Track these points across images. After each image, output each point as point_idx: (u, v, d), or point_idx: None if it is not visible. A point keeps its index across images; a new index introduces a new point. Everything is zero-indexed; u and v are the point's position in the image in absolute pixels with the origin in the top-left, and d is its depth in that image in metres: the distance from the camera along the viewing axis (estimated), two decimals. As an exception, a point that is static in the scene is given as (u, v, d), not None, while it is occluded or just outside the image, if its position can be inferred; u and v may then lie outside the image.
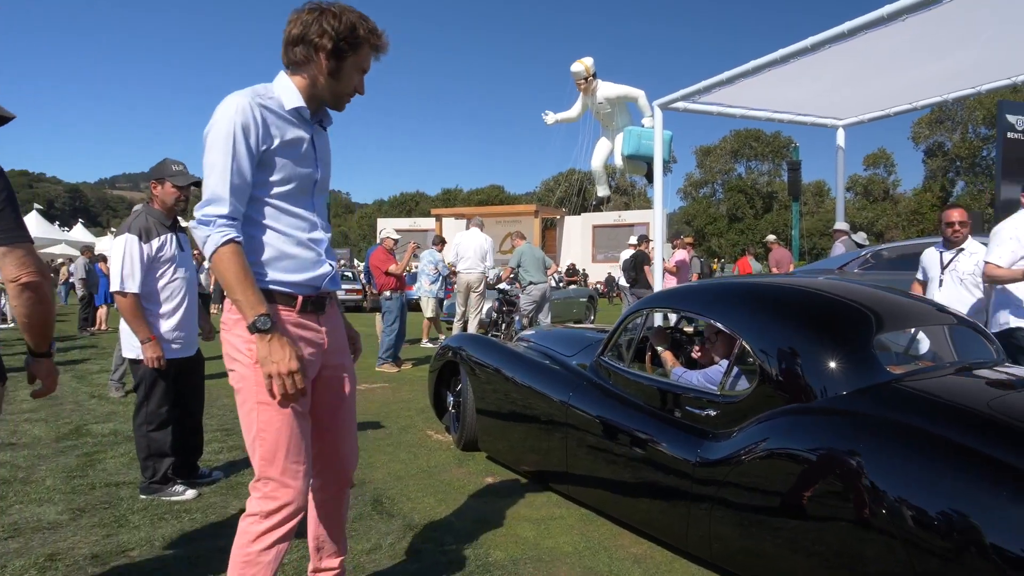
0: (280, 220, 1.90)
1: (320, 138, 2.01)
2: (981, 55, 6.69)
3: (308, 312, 1.93)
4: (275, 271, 1.88)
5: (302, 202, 1.95)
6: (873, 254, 7.57)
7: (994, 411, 2.14)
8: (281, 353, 1.75)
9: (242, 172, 1.80)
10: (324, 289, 1.99)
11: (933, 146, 51.73)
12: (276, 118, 1.86)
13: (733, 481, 2.45)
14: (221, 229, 1.76)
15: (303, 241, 1.93)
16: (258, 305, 1.76)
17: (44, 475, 3.89)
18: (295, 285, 1.90)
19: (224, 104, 1.82)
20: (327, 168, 2.04)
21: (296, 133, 1.90)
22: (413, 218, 44.81)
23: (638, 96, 12.98)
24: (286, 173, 1.88)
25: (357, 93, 1.98)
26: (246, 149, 1.79)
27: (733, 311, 2.89)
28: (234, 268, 1.75)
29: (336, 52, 1.86)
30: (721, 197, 62.43)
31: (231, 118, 1.78)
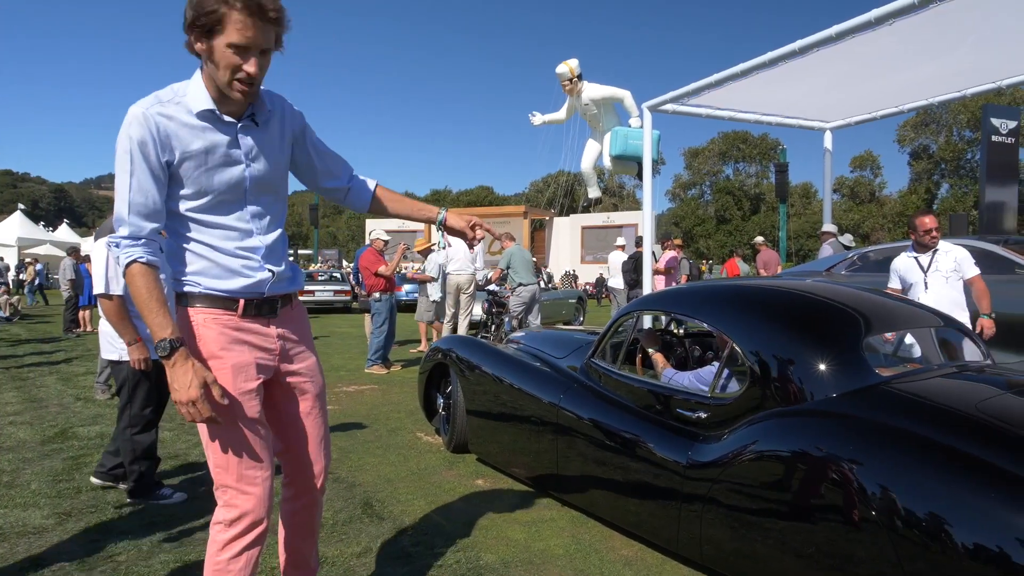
0: (204, 232, 1.78)
1: (251, 133, 1.79)
2: (967, 60, 6.77)
3: (253, 316, 1.83)
4: (208, 279, 1.78)
5: (229, 210, 1.79)
6: (860, 256, 7.64)
7: (983, 414, 2.16)
8: (182, 380, 1.65)
9: (144, 189, 1.68)
10: (271, 293, 1.86)
11: (918, 148, 52.31)
12: (178, 127, 1.69)
13: (723, 483, 2.46)
14: (126, 250, 1.68)
15: (232, 251, 1.80)
16: (162, 328, 1.66)
17: (29, 479, 3.84)
18: (233, 291, 1.80)
19: (125, 117, 1.68)
20: (268, 164, 1.83)
21: (206, 139, 1.72)
22: (401, 219, 44.71)
23: (624, 97, 13.02)
24: (200, 185, 1.74)
25: (247, 75, 1.65)
26: (145, 164, 1.66)
27: (724, 313, 2.90)
28: (139, 290, 1.67)
29: (197, 29, 1.62)
30: (709, 199, 62.76)
31: (127, 132, 1.66)
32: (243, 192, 1.81)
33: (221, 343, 1.79)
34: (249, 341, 1.83)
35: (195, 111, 1.70)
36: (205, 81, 1.71)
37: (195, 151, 1.71)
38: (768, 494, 2.32)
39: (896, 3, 5.37)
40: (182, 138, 1.70)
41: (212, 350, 1.78)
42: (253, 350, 1.84)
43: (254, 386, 1.82)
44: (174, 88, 1.74)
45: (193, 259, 1.78)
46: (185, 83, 1.75)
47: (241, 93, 1.68)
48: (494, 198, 73.21)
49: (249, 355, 1.82)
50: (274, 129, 1.87)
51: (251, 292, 1.82)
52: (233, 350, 1.80)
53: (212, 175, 1.74)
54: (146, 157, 1.66)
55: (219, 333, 1.79)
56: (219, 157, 1.75)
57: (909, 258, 4.70)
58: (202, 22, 1.60)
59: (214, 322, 1.79)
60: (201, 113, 1.71)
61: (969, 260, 4.59)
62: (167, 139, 1.68)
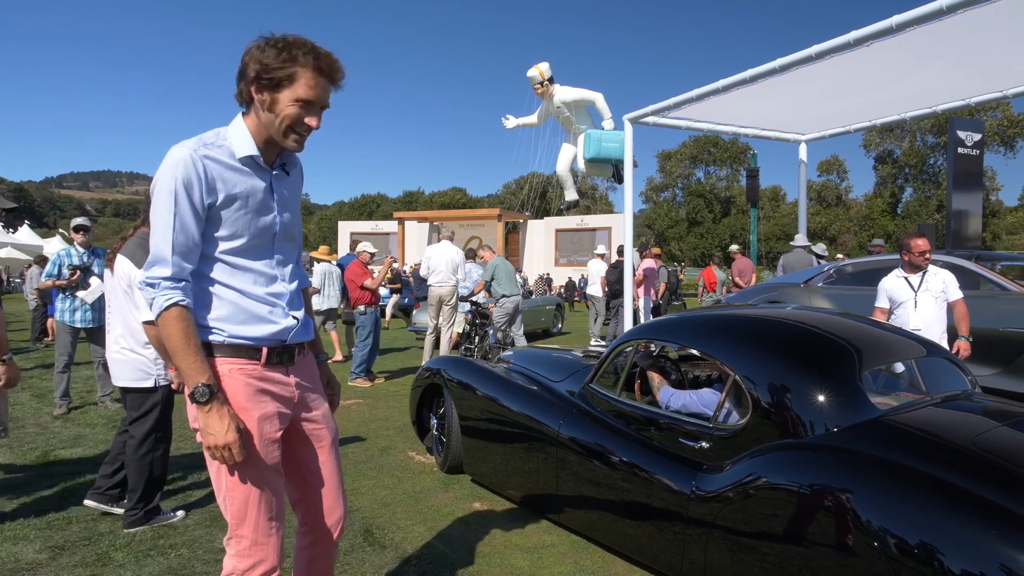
0: (235, 277, 1.81)
1: (282, 184, 1.90)
2: (938, 78, 6.99)
3: (275, 364, 1.86)
4: (234, 326, 1.80)
5: (260, 255, 1.85)
6: (836, 269, 7.82)
7: (981, 449, 2.25)
8: (219, 425, 1.68)
9: (186, 230, 1.71)
10: (292, 341, 1.90)
11: (883, 153, 53.54)
12: (224, 169, 1.75)
13: (727, 514, 2.52)
14: (165, 292, 1.69)
15: (261, 297, 1.84)
16: (198, 374, 1.69)
17: (16, 509, 3.76)
18: (257, 339, 1.82)
19: (167, 157, 1.73)
20: (293, 214, 1.93)
21: (247, 184, 1.80)
22: (375, 221, 44.41)
23: (596, 99, 13.10)
24: (237, 228, 1.79)
25: (308, 128, 1.78)
26: (189, 205, 1.70)
27: (726, 345, 2.96)
28: (176, 334, 1.68)
29: (264, 82, 1.72)
30: (681, 201, 63.44)
31: (172, 173, 1.70)
32: (272, 238, 1.87)
33: (247, 395, 1.80)
34: (272, 391, 1.85)
35: (238, 156, 1.77)
36: (251, 128, 1.79)
37: (237, 194, 1.77)
38: (771, 526, 2.38)
39: (874, 26, 5.54)
40: (226, 180, 1.75)
41: (239, 402, 1.78)
42: (275, 400, 1.86)
43: (277, 437, 1.85)
44: (217, 132, 1.80)
45: (219, 304, 1.79)
46: (226, 128, 1.81)
47: (296, 143, 1.79)
48: (467, 200, 73.07)
49: (272, 406, 1.84)
50: (296, 179, 1.98)
51: (275, 340, 1.85)
52: (258, 402, 1.81)
53: (250, 219, 1.80)
54: (190, 198, 1.70)
55: (244, 384, 1.80)
56: (257, 202, 1.81)
57: (899, 278, 4.84)
58: (274, 75, 1.70)
59: (239, 373, 1.80)
60: (243, 159, 1.78)
61: (955, 283, 4.77)
62: (212, 181, 1.73)
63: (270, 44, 1.71)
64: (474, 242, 30.15)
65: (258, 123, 1.78)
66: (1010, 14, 5.08)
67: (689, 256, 55.48)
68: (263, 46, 1.71)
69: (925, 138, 50.57)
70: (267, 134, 1.79)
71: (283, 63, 1.69)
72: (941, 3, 5.02)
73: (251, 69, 1.72)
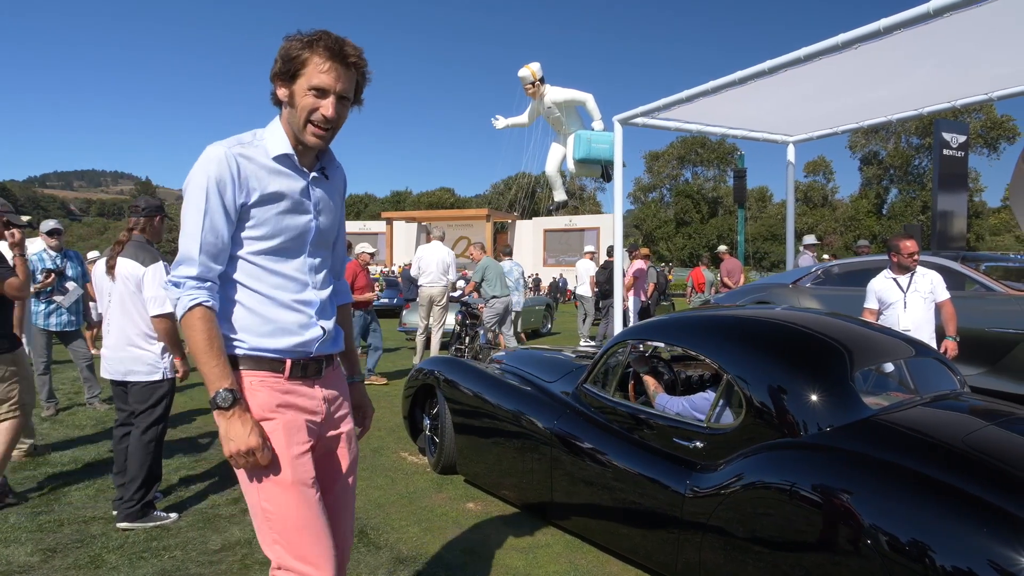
0: (262, 280, 1.73)
1: (321, 187, 1.82)
2: (925, 80, 7.08)
3: (299, 378, 1.76)
4: (256, 337, 1.72)
5: (291, 259, 1.77)
6: (824, 270, 7.90)
7: (972, 448, 2.29)
8: (240, 431, 1.61)
9: (216, 229, 1.66)
10: (318, 353, 1.80)
11: (869, 155, 54.08)
12: (258, 168, 1.70)
13: (722, 513, 2.54)
14: (190, 292, 1.63)
15: (288, 304, 1.75)
16: (221, 379, 1.62)
17: (6, 511, 3.72)
18: (281, 351, 1.73)
19: (202, 156, 1.68)
20: (330, 218, 1.85)
21: (282, 184, 1.73)
22: (363, 220, 44.29)
23: (586, 100, 13.18)
24: (269, 228, 1.72)
25: (323, 117, 1.69)
26: (220, 204, 1.65)
27: (720, 345, 2.99)
28: (201, 336, 1.62)
29: (283, 74, 1.68)
30: (669, 201, 63.76)
31: (205, 171, 1.65)
32: (306, 242, 1.80)
33: (271, 405, 1.72)
34: (297, 404, 1.76)
35: (272, 155, 1.72)
36: (285, 128, 1.74)
37: (271, 193, 1.71)
38: (765, 525, 2.40)
39: (863, 29, 5.61)
40: (261, 179, 1.70)
41: (262, 412, 1.70)
42: (302, 412, 1.77)
43: (307, 448, 1.74)
44: (255, 132, 1.76)
45: (242, 312, 1.72)
46: (263, 129, 1.77)
47: (316, 136, 1.71)
48: (455, 200, 73.03)
49: (299, 416, 1.75)
50: (337, 185, 1.91)
51: (299, 352, 1.76)
52: (284, 411, 1.73)
53: (283, 219, 1.73)
54: (222, 197, 1.65)
55: (268, 395, 1.72)
56: (291, 203, 1.75)
57: (888, 279, 4.89)
58: (287, 68, 1.66)
59: (261, 384, 1.72)
60: (278, 158, 1.73)
61: (942, 284, 4.83)
62: (246, 180, 1.68)
63: (292, 38, 1.67)
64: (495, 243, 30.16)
65: (286, 123, 1.74)
66: (996, 17, 5.15)
67: (677, 256, 55.77)
68: (286, 41, 1.68)
69: (910, 140, 51.16)
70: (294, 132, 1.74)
71: (298, 52, 1.65)
72: (929, 6, 5.08)
73: (275, 65, 1.69)
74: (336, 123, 1.72)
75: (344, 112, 1.74)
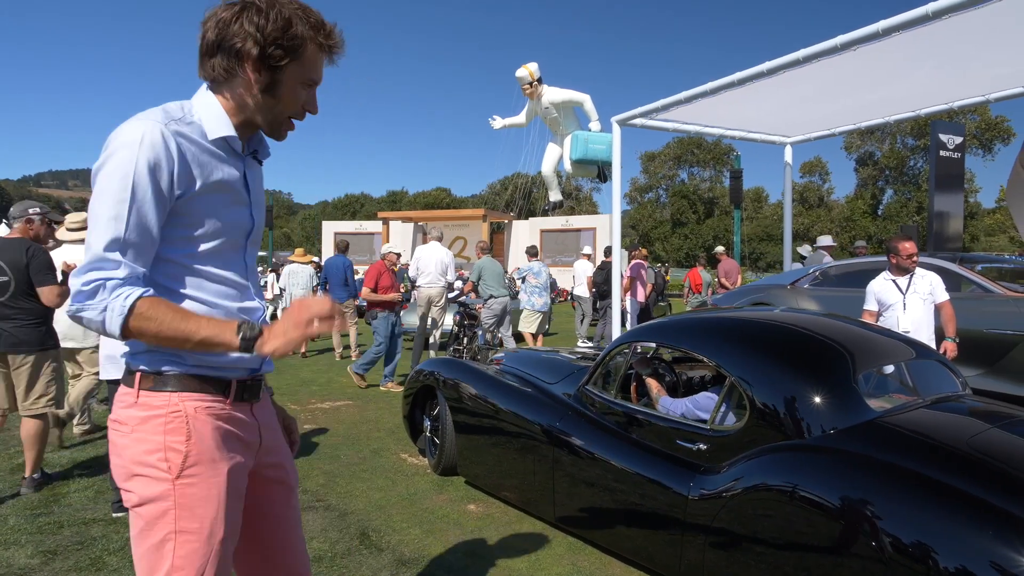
0: (203, 288, 1.45)
1: (254, 175, 1.56)
2: (923, 82, 7.11)
3: (242, 401, 1.51)
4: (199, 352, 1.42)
5: (231, 261, 1.51)
6: (821, 272, 7.92)
7: (975, 450, 2.30)
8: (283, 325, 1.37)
9: (144, 225, 1.33)
10: (263, 371, 1.58)
11: (864, 155, 54.22)
12: (199, 151, 1.41)
13: (725, 515, 2.54)
14: (123, 291, 1.29)
15: (233, 312, 1.49)
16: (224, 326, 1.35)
17: (6, 513, 3.71)
18: (226, 368, 1.47)
19: (124, 132, 1.34)
20: (262, 213, 1.58)
21: (225, 171, 1.46)
22: (359, 220, 44.21)
23: (583, 100, 13.21)
24: (211, 226, 1.44)
25: (308, 113, 1.53)
26: (153, 194, 1.33)
27: (722, 348, 2.99)
28: (163, 316, 1.31)
29: (267, 60, 1.40)
30: (665, 202, 63.85)
31: (134, 153, 1.31)
32: (244, 240, 1.54)
33: (216, 442, 1.44)
34: (239, 435, 1.50)
35: (210, 137, 1.43)
36: (225, 106, 1.46)
37: (216, 181, 1.43)
38: (768, 528, 2.41)
39: (861, 31, 5.62)
40: (204, 163, 1.41)
41: (207, 452, 1.41)
42: (243, 449, 1.51)
43: (243, 496, 1.51)
44: (182, 106, 1.45)
45: None
46: (189, 102, 1.47)
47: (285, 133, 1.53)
48: (452, 200, 73.02)
49: (240, 456, 1.50)
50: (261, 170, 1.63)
51: (245, 370, 1.51)
52: (228, 451, 1.46)
53: (224, 214, 1.46)
54: (156, 184, 1.33)
55: (213, 428, 1.44)
56: (232, 194, 1.48)
57: (887, 281, 4.90)
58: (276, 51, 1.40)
59: (206, 413, 1.43)
60: (216, 140, 1.44)
61: (942, 285, 4.84)
62: (186, 165, 1.37)
63: (256, 11, 1.38)
64: (529, 244, 30.12)
65: (235, 105, 1.46)
66: (995, 18, 5.17)
67: (673, 257, 55.86)
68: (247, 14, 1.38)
69: (905, 140, 51.30)
70: (250, 118, 1.48)
71: (297, 32, 1.40)
72: (927, 8, 5.10)
73: (246, 44, 1.38)
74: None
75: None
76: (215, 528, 1.41)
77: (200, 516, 1.39)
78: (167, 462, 1.37)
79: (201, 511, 1.39)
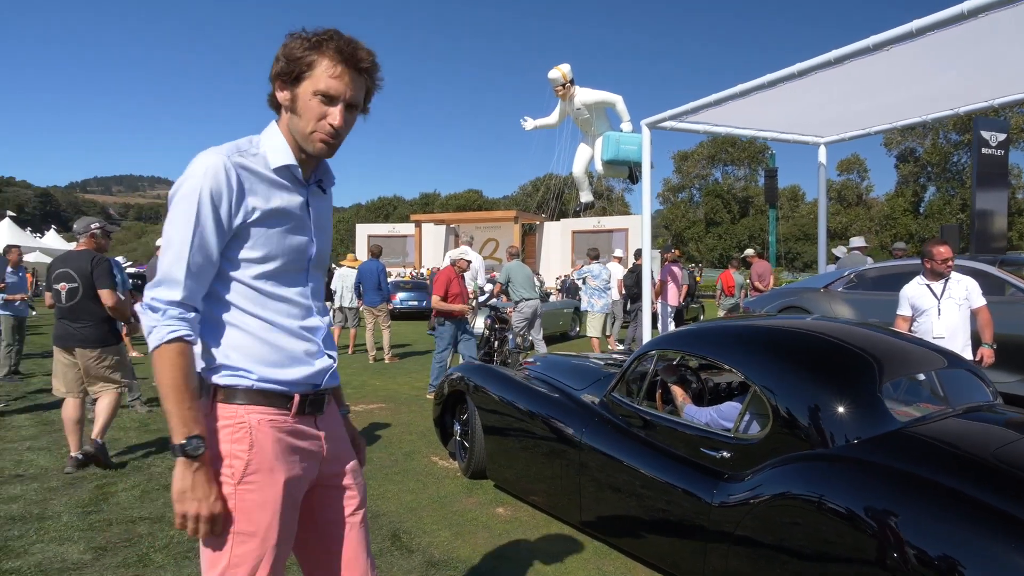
0: (267, 307, 1.56)
1: (318, 202, 1.67)
2: (960, 80, 6.96)
3: (305, 415, 1.60)
4: (264, 367, 1.53)
5: (294, 282, 1.61)
6: (857, 274, 7.80)
7: (1002, 461, 2.29)
8: (205, 490, 1.42)
9: (206, 249, 1.47)
10: (325, 386, 1.65)
11: (905, 152, 52.88)
12: (258, 181, 1.53)
13: (748, 523, 2.57)
14: (170, 323, 1.44)
15: (296, 331, 1.59)
16: (192, 424, 1.43)
17: (60, 510, 3.91)
18: (290, 383, 1.57)
19: (194, 163, 1.49)
20: (326, 238, 1.69)
21: (285, 199, 1.57)
22: (392, 223, 44.69)
23: (615, 101, 13.17)
24: (270, 249, 1.55)
25: (330, 127, 1.54)
26: (214, 220, 1.47)
27: (746, 356, 3.01)
28: (173, 373, 1.43)
29: (285, 76, 1.51)
30: (698, 201, 63.16)
31: (198, 183, 1.46)
32: (307, 263, 1.65)
33: (276, 453, 1.53)
34: (302, 447, 1.60)
35: (272, 166, 1.56)
36: (285, 135, 1.58)
37: (273, 209, 1.55)
38: (791, 537, 2.43)
39: (894, 31, 5.54)
40: (261, 193, 1.54)
41: (267, 462, 1.51)
42: (304, 460, 1.60)
43: (299, 505, 1.61)
44: (251, 139, 1.59)
45: (245, 339, 1.54)
46: (259, 136, 1.60)
47: (323, 144, 1.56)
48: (483, 202, 73.28)
49: (300, 468, 1.58)
50: (330, 199, 1.76)
51: (308, 384, 1.61)
52: (287, 462, 1.55)
53: (284, 239, 1.58)
54: (217, 211, 1.47)
55: (275, 440, 1.53)
56: (292, 220, 1.59)
57: (921, 285, 4.83)
58: (291, 68, 1.51)
59: (269, 426, 1.53)
60: (279, 169, 1.57)
61: (978, 290, 4.75)
62: (245, 194, 1.51)
63: (296, 36, 1.52)
64: (593, 247, 30.26)
65: (286, 128, 1.58)
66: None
67: (707, 257, 55.21)
68: (290, 40, 1.52)
69: (948, 136, 49.86)
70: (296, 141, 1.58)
71: (304, 52, 1.49)
72: (963, 7, 5.01)
73: (276, 65, 1.53)
74: (343, 133, 1.57)
75: (352, 121, 1.60)
76: (269, 532, 1.51)
77: (255, 520, 1.50)
78: (231, 468, 1.49)
79: (256, 516, 1.50)
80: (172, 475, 1.44)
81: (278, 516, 1.52)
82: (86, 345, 4.73)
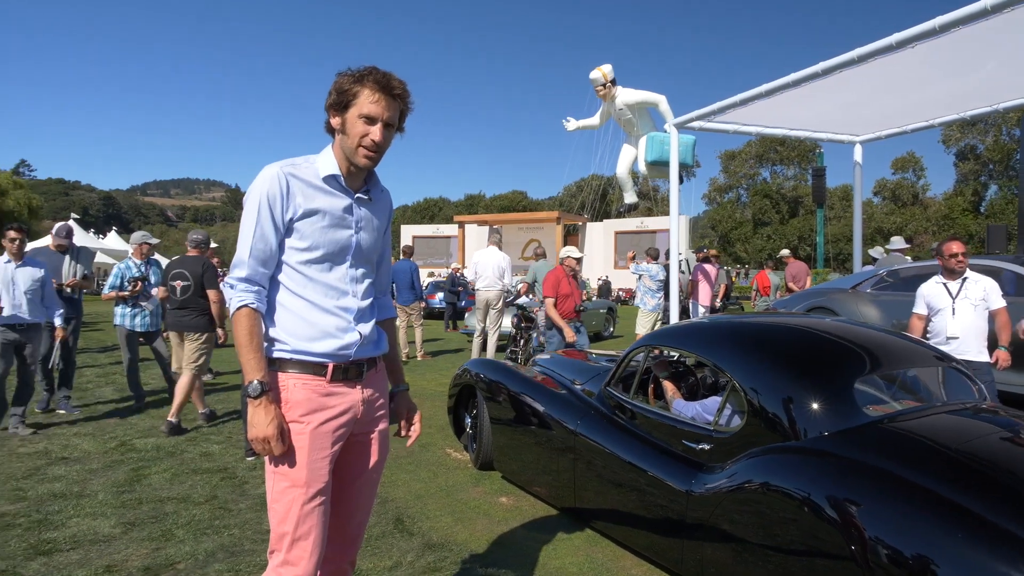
0: (307, 287, 1.95)
1: (365, 207, 2.04)
2: (997, 75, 6.76)
3: (340, 380, 1.96)
4: (301, 341, 1.92)
5: (333, 269, 1.98)
6: (889, 273, 7.65)
7: (965, 458, 2.33)
8: (263, 418, 1.82)
9: (265, 237, 1.90)
10: (357, 357, 1.99)
11: (965, 149, 50.89)
12: (305, 186, 1.93)
13: (722, 512, 2.66)
14: (240, 294, 1.88)
15: (331, 310, 1.96)
16: (255, 371, 1.84)
17: (97, 489, 4.23)
18: (323, 355, 1.93)
19: (259, 174, 1.95)
20: (373, 235, 2.06)
21: (327, 201, 1.96)
22: (436, 224, 45.29)
23: (659, 101, 13.08)
24: (312, 240, 1.94)
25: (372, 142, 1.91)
26: (270, 216, 1.90)
27: (724, 350, 3.10)
28: (243, 331, 1.86)
29: (336, 105, 1.92)
30: (746, 201, 62.00)
31: (260, 187, 1.91)
32: (348, 255, 2.01)
33: (306, 408, 1.91)
34: (335, 405, 1.94)
35: (321, 175, 1.96)
36: (336, 153, 1.98)
37: (315, 208, 1.93)
38: (762, 525, 2.51)
39: (917, 28, 5.47)
40: (306, 195, 1.93)
41: (296, 414, 1.90)
42: (337, 416, 1.95)
43: (328, 454, 1.93)
44: (307, 157, 2.01)
45: (288, 316, 1.94)
46: (317, 155, 2.02)
47: (366, 158, 1.93)
48: (527, 202, 73.50)
49: (331, 423, 1.93)
50: (382, 207, 2.14)
51: (339, 355, 1.95)
52: (317, 416, 1.91)
53: (326, 233, 1.95)
54: (272, 210, 1.90)
55: (307, 397, 1.91)
56: (335, 219, 1.97)
57: (937, 284, 4.78)
58: (341, 99, 1.90)
59: (304, 387, 1.92)
60: (326, 178, 1.96)
61: (997, 291, 4.67)
62: (292, 196, 1.92)
63: (343, 73, 1.92)
64: (642, 247, 30.36)
65: (337, 146, 1.97)
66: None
67: (755, 258, 54.13)
68: (339, 76, 1.92)
69: (1011, 132, 47.75)
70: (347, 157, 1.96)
71: (351, 85, 1.89)
72: (986, 3, 4.92)
73: (329, 98, 1.93)
74: (383, 147, 1.94)
75: (390, 138, 1.97)
76: (298, 474, 1.88)
77: (287, 463, 1.89)
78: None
79: (287, 459, 1.89)
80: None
81: (305, 460, 1.88)
82: (191, 330, 5.98)
